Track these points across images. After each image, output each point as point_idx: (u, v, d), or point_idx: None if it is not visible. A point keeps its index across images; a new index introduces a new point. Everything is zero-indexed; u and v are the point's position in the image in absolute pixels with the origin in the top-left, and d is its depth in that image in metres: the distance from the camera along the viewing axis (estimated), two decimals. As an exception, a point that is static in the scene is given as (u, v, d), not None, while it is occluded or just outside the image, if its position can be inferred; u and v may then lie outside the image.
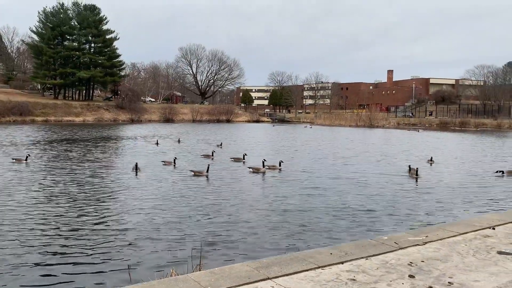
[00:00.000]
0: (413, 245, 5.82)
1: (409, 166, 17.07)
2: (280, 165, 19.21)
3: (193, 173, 17.26)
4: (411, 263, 5.11)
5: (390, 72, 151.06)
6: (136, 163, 17.18)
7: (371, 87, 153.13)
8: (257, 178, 17.11)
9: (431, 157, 22.01)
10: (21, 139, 34.75)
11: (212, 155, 23.27)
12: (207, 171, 17.12)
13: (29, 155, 17.30)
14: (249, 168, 18.85)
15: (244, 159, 21.81)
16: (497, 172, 17.46)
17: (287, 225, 10.11)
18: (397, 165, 21.14)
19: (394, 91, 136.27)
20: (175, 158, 20.04)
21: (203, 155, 23.82)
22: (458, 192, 14.31)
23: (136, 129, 57.10)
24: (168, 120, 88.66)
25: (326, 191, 14.31)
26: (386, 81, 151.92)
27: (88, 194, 13.28)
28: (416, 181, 15.58)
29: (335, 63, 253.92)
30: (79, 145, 31.25)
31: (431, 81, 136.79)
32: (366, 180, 16.56)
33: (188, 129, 57.25)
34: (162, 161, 20.32)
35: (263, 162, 18.93)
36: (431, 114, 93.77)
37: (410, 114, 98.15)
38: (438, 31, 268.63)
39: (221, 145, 29.68)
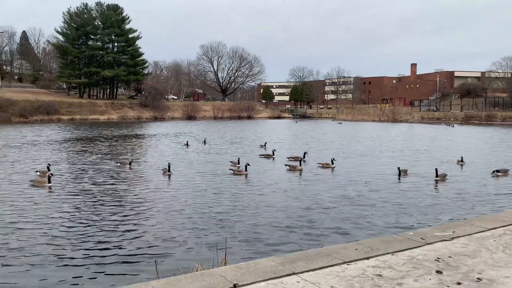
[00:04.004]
0: (439, 241, 5.73)
1: (436, 170, 15.88)
2: (332, 163, 19.06)
3: (232, 171, 17.27)
4: (438, 258, 5.05)
5: (413, 65, 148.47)
6: (169, 163, 17.26)
7: (394, 81, 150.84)
8: (295, 175, 17.02)
9: (462, 157, 20.42)
10: (52, 138, 35.60)
11: (273, 154, 22.85)
12: (246, 170, 17.06)
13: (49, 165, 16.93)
14: (286, 165, 18.79)
15: (304, 157, 21.29)
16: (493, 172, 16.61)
17: (313, 221, 10.11)
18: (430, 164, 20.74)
19: (417, 85, 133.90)
20: (247, 164, 17.85)
21: (262, 155, 23.41)
22: (484, 193, 14.00)
23: (160, 127, 57.77)
24: (190, 117, 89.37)
25: (360, 187, 14.28)
26: (409, 74, 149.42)
27: (120, 192, 13.53)
28: (436, 183, 15.11)
29: (356, 57, 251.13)
30: (110, 143, 31.84)
31: (456, 74, 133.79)
32: (395, 178, 16.35)
33: (211, 127, 57.46)
34: (230, 168, 18.51)
35: (332, 160, 19.10)
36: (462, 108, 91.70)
37: (435, 108, 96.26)
38: (461, 23, 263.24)
39: (265, 145, 28.54)
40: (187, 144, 29.48)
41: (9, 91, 79.32)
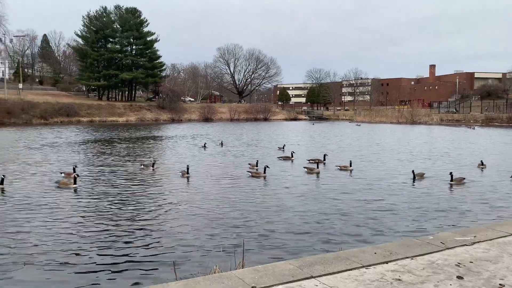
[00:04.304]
0: (460, 245, 5.65)
1: (451, 173, 15.48)
2: (350, 165, 18.99)
3: (250, 174, 17.26)
4: (459, 263, 4.97)
5: (432, 67, 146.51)
6: (187, 166, 17.35)
7: (412, 83, 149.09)
8: (313, 178, 16.94)
9: (481, 161, 19.95)
10: (74, 139, 36.21)
11: (292, 157, 22.81)
12: (264, 172, 17.04)
13: (76, 173, 16.91)
14: (304, 167, 18.74)
15: (324, 160, 21.25)
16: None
17: (331, 224, 10.07)
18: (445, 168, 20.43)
19: (436, 87, 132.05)
20: (266, 166, 17.78)
21: (281, 157, 23.36)
22: (505, 198, 13.73)
23: (177, 129, 58.23)
24: (207, 119, 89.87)
25: (379, 191, 14.18)
26: (428, 76, 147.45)
27: (141, 194, 13.66)
28: (451, 187, 14.84)
29: (373, 58, 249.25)
30: (130, 145, 32.23)
31: (476, 75, 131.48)
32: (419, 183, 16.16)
33: (227, 129, 57.66)
34: (248, 170, 18.35)
35: (350, 162, 19.07)
36: (486, 109, 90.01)
37: (454, 110, 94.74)
38: (480, 23, 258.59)
39: (283, 147, 28.19)
40: (204, 146, 29.61)
41: (31, 93, 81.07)
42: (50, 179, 16.02)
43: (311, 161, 20.79)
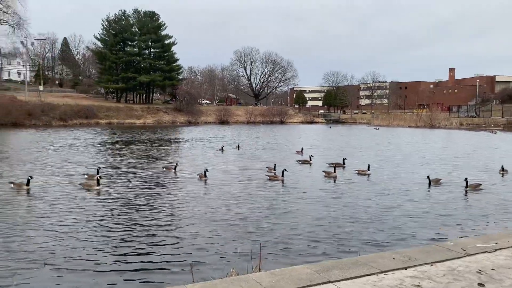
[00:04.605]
0: (481, 252, 5.54)
1: (466, 180, 15.13)
2: (368, 169, 18.86)
3: (268, 177, 17.24)
4: (480, 271, 4.87)
5: (451, 70, 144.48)
6: (206, 169, 17.38)
7: (431, 86, 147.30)
8: (331, 183, 16.86)
9: (502, 166, 19.39)
10: (95, 141, 36.75)
11: (310, 160, 22.77)
12: (282, 176, 16.97)
13: (100, 176, 16.79)
14: (323, 171, 18.64)
15: (344, 164, 21.20)
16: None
17: (349, 229, 10.00)
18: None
19: (456, 90, 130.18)
20: (284, 170, 17.46)
21: (299, 161, 23.24)
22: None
23: (193, 131, 58.55)
24: (223, 122, 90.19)
25: (396, 196, 14.04)
26: (447, 79, 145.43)
27: (161, 196, 13.74)
28: (466, 193, 14.56)
29: (391, 61, 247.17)
30: (149, 147, 32.54)
31: (497, 78, 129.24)
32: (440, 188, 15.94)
33: (244, 132, 57.68)
34: (266, 173, 18.24)
35: (368, 166, 18.95)
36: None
37: (474, 114, 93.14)
38: (501, 26, 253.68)
39: (301, 150, 27.99)
40: (222, 149, 29.61)
41: (51, 95, 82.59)
42: (73, 180, 16.23)
43: (331, 164, 20.63)
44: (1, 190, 14.30)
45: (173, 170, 18.80)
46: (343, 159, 21.79)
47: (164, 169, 19.47)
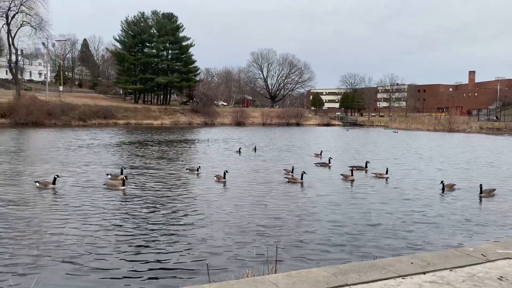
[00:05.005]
0: (503, 258, 5.43)
1: (480, 185, 14.84)
2: (387, 173, 18.78)
3: (287, 179, 17.27)
4: (502, 277, 4.77)
5: (471, 73, 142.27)
6: (225, 171, 17.43)
7: (450, 89, 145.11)
8: (348, 185, 16.81)
9: None
10: (114, 141, 37.23)
11: (329, 163, 22.68)
12: (301, 178, 16.97)
13: (124, 176, 15.88)
14: (341, 175, 18.58)
15: (366, 167, 21.08)
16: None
17: (365, 232, 9.92)
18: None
19: (476, 93, 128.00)
20: (303, 172, 17.52)
21: (318, 163, 23.17)
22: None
23: (209, 132, 58.80)
24: (239, 123, 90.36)
25: (413, 201, 13.91)
26: (467, 82, 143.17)
27: (181, 197, 13.82)
28: (480, 199, 14.28)
29: (410, 64, 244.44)
30: (166, 147, 32.80)
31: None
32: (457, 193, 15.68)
33: (260, 134, 57.64)
34: (285, 176, 18.41)
35: (387, 170, 18.95)
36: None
37: (495, 118, 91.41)
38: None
39: (321, 153, 27.71)
40: (239, 151, 29.57)
41: (70, 95, 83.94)
42: (97, 180, 16.42)
43: (353, 168, 20.50)
44: (27, 188, 14.53)
45: (196, 172, 18.82)
46: (366, 162, 21.59)
47: (187, 170, 19.52)
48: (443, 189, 15.58)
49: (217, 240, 9.19)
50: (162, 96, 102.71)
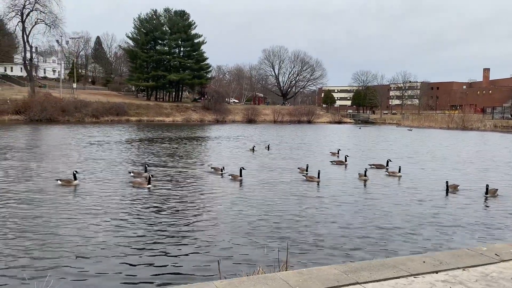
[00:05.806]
0: (517, 258, 5.36)
1: (487, 186, 14.62)
2: (399, 171, 18.70)
3: (304, 178, 17.23)
4: (515, 277, 4.71)
5: (486, 70, 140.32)
6: (241, 169, 17.27)
7: (464, 87, 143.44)
8: (362, 185, 16.73)
9: None
10: (129, 137, 37.52)
11: (346, 161, 22.59)
12: (318, 177, 16.92)
13: (152, 175, 16.12)
14: (359, 173, 18.41)
15: (388, 165, 20.89)
16: None
17: (378, 230, 9.89)
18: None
19: (490, 91, 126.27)
20: (319, 171, 17.66)
21: (333, 162, 23.10)
22: None
23: (220, 130, 58.92)
24: (250, 120, 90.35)
25: (424, 201, 13.79)
26: (481, 80, 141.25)
27: (187, 195, 13.86)
28: (486, 199, 14.04)
29: (423, 61, 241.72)
30: (181, 145, 32.95)
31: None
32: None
33: (271, 131, 57.48)
34: (302, 174, 18.49)
35: (399, 168, 18.87)
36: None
37: (510, 116, 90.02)
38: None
39: (338, 152, 27.29)
40: (253, 149, 29.37)
41: (83, 92, 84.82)
42: (120, 177, 16.53)
43: (372, 166, 20.29)
44: (49, 186, 14.61)
45: (220, 172, 18.47)
46: (387, 161, 21.38)
47: (212, 169, 19.33)
48: (447, 190, 15.31)
49: (229, 237, 9.25)
50: (174, 93, 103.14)
